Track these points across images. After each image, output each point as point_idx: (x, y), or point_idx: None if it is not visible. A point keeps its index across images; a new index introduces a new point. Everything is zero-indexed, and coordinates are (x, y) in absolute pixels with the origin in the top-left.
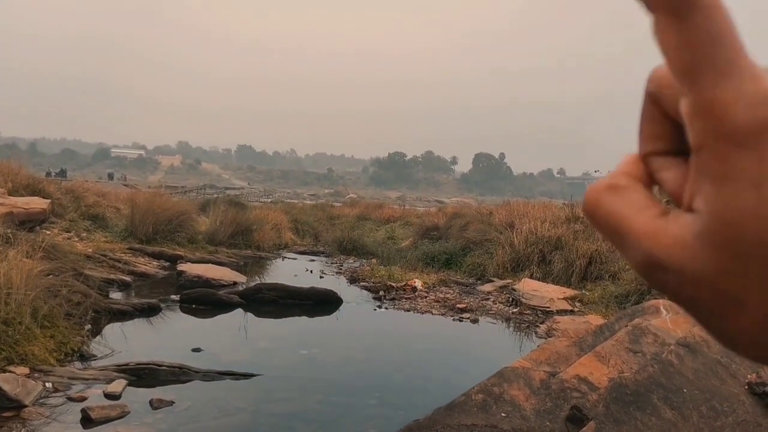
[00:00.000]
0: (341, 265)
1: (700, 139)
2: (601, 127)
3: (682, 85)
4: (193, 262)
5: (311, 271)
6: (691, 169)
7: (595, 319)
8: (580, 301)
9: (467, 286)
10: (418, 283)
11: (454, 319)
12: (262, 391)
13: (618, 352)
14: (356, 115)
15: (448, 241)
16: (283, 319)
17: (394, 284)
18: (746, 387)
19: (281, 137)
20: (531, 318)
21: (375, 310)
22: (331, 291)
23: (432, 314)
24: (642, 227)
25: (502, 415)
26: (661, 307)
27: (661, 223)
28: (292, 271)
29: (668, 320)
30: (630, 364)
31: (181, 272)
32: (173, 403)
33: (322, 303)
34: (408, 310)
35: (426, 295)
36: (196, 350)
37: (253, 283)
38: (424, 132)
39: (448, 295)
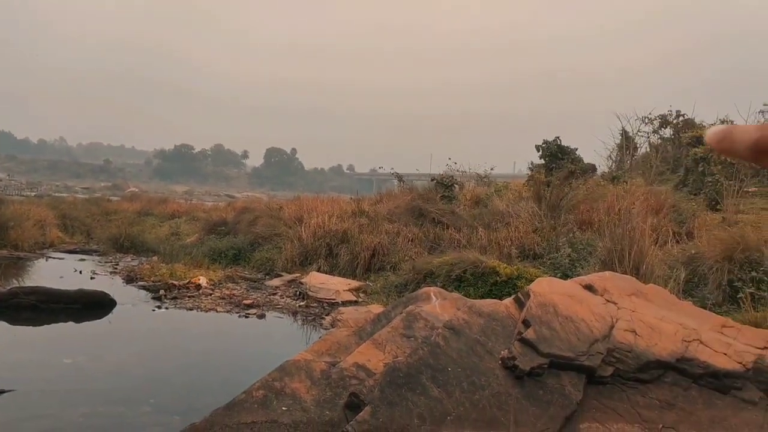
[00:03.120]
0: (117, 264)
1: None
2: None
3: None
4: None
5: (81, 272)
6: None
7: (377, 309)
8: (364, 291)
9: (255, 281)
10: (202, 281)
11: (240, 316)
12: (15, 408)
13: (393, 339)
14: (137, 100)
15: (237, 236)
16: (45, 326)
17: (176, 282)
18: (500, 362)
19: (47, 124)
20: (317, 310)
21: (154, 310)
22: (102, 292)
23: (217, 312)
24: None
25: (283, 409)
26: (432, 294)
27: None
28: (57, 272)
29: (437, 306)
30: (404, 348)
31: None
32: None
33: (92, 306)
34: (191, 309)
35: (211, 292)
36: None
37: (7, 288)
38: (214, 124)
39: (234, 292)
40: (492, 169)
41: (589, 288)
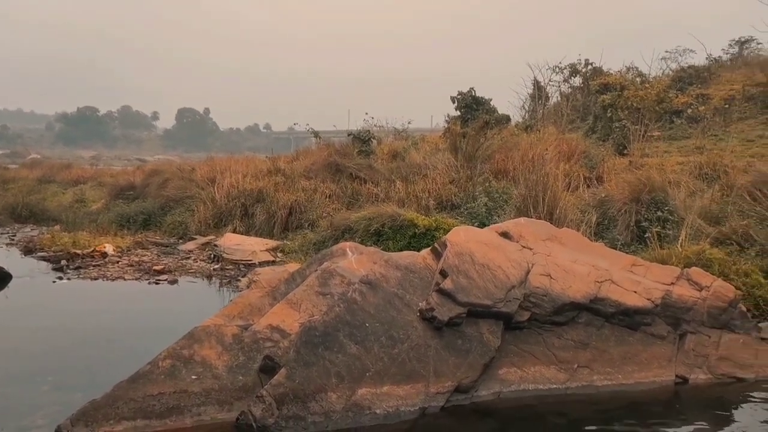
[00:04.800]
0: (14, 236)
1: None
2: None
3: None
4: None
5: None
6: None
7: (294, 267)
8: (282, 251)
9: (168, 246)
10: (109, 248)
11: (150, 283)
12: None
13: (309, 297)
14: (33, 59)
15: (146, 200)
16: None
17: (79, 251)
18: (418, 314)
19: None
20: (233, 272)
21: (55, 282)
22: None
23: (124, 280)
24: None
25: (193, 377)
26: (348, 249)
27: None
28: None
29: (353, 261)
30: (320, 306)
31: None
32: None
33: None
34: (96, 279)
35: (118, 259)
36: None
37: None
38: (120, 85)
39: (144, 258)
40: (409, 123)
41: (505, 235)
